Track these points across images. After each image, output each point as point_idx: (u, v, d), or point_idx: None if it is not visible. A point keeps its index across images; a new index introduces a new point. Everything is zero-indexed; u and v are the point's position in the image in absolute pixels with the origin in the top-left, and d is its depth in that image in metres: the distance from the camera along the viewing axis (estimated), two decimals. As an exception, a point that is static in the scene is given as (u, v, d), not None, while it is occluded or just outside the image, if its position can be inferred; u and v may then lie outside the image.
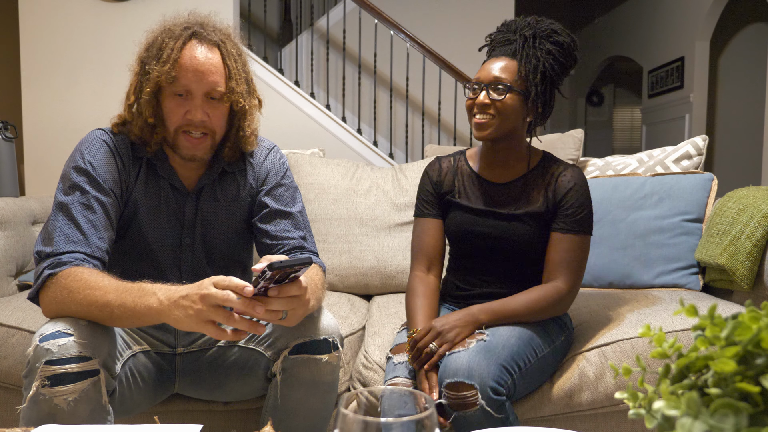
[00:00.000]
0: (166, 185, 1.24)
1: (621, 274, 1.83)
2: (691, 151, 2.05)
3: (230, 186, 1.29)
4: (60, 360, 0.97)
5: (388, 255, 2.01)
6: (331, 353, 1.14)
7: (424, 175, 1.47)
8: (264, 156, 1.34)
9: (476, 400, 1.10)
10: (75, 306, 1.02)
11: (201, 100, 1.16)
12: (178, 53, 1.15)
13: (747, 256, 1.59)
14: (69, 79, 3.20)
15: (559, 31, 1.33)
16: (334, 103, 4.77)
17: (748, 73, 6.01)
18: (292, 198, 1.32)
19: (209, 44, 1.18)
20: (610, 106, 8.68)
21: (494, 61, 1.33)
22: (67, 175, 1.16)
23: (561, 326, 1.36)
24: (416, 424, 0.45)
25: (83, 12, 3.16)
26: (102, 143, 1.20)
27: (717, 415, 0.39)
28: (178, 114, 1.17)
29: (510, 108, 1.30)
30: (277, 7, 6.01)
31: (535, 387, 1.33)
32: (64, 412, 0.97)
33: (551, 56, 1.31)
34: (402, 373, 1.25)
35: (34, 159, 3.26)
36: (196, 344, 1.25)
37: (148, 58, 1.18)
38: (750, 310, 0.43)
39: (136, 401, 1.18)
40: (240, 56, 1.23)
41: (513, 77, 1.30)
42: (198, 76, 1.15)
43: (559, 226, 1.32)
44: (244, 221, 1.31)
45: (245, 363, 1.21)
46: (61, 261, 1.06)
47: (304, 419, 1.16)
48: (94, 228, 1.12)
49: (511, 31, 1.37)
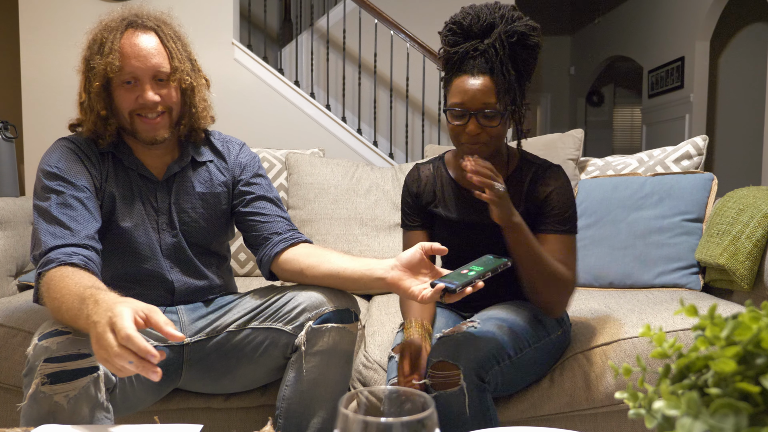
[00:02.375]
0: (135, 176, 1.28)
1: (621, 273, 1.83)
2: (691, 151, 2.05)
3: (203, 176, 1.34)
4: (59, 357, 0.98)
5: (388, 255, 2.01)
6: (353, 323, 1.19)
7: (404, 186, 1.44)
8: (237, 151, 1.39)
9: (458, 380, 1.11)
10: (55, 306, 1.03)
11: (149, 84, 1.21)
12: (119, 43, 1.20)
13: (747, 256, 1.59)
14: (69, 80, 3.20)
15: (527, 32, 1.23)
16: (334, 103, 4.77)
17: (748, 73, 6.01)
18: (271, 187, 1.39)
19: (146, 30, 1.24)
20: (610, 106, 8.68)
21: (473, 81, 1.22)
22: (40, 183, 1.20)
23: (557, 320, 1.35)
24: (417, 424, 0.45)
25: (83, 12, 3.16)
26: (63, 147, 1.24)
27: (717, 415, 0.39)
28: (130, 100, 1.22)
29: (503, 131, 1.27)
30: (277, 7, 6.01)
31: (530, 380, 1.32)
32: (64, 410, 0.98)
33: (524, 63, 1.25)
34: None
35: (34, 159, 3.26)
36: (203, 332, 1.26)
37: (91, 55, 1.23)
38: (750, 310, 0.43)
39: (139, 397, 1.19)
40: (179, 38, 1.28)
41: (496, 98, 1.22)
42: (141, 61, 1.20)
43: (546, 228, 1.30)
44: (220, 212, 1.35)
45: (260, 344, 1.22)
46: (49, 259, 1.09)
47: (324, 390, 1.18)
48: (77, 221, 1.15)
49: (473, 35, 1.25)
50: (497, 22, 1.23)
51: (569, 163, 2.17)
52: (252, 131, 3.57)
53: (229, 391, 1.34)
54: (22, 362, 1.41)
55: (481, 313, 1.30)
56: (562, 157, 2.16)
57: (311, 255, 1.24)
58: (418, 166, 1.44)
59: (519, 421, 1.34)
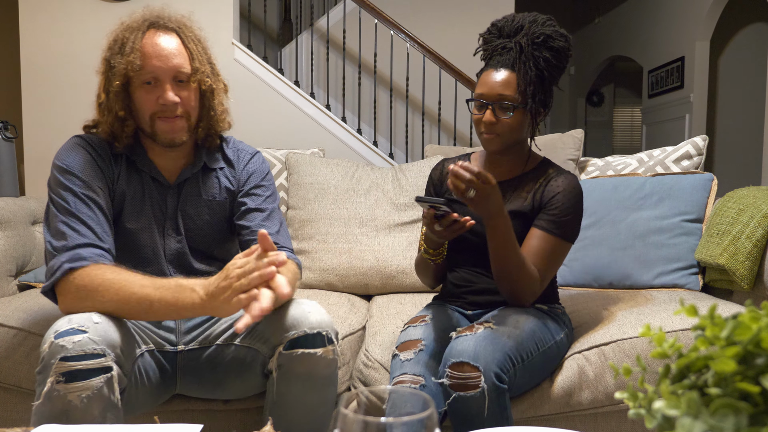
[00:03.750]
0: (147, 178, 1.28)
1: (621, 274, 1.83)
2: (691, 151, 2.05)
3: (212, 184, 1.34)
4: (75, 357, 0.99)
5: (388, 255, 2.01)
6: (326, 347, 1.14)
7: (429, 177, 1.52)
8: (247, 160, 1.39)
9: (479, 382, 1.11)
10: (104, 301, 1.06)
11: (170, 84, 1.21)
12: (140, 43, 1.20)
13: (747, 256, 1.59)
14: (69, 79, 3.20)
15: (553, 35, 1.32)
16: (334, 103, 4.77)
17: (748, 73, 6.01)
18: (269, 198, 1.37)
19: (168, 31, 1.24)
20: (610, 106, 8.68)
21: (495, 75, 1.32)
22: (56, 179, 1.19)
23: (560, 324, 1.36)
24: (417, 424, 0.45)
25: (83, 12, 3.16)
26: (77, 147, 1.23)
27: (717, 415, 0.39)
28: (151, 101, 1.21)
29: (517, 123, 1.32)
30: (277, 7, 6.01)
31: (534, 383, 1.33)
32: (77, 409, 0.98)
33: (548, 63, 1.31)
34: (410, 370, 1.25)
35: (34, 159, 3.26)
36: (195, 341, 1.26)
37: (112, 55, 1.23)
38: (750, 310, 0.43)
39: (141, 401, 1.19)
40: (199, 41, 1.28)
41: (515, 92, 1.30)
42: (162, 61, 1.20)
43: (538, 224, 1.32)
44: (224, 220, 1.36)
45: (243, 360, 1.22)
46: (81, 255, 1.10)
47: (303, 415, 1.16)
48: (98, 224, 1.16)
49: (504, 35, 1.35)
50: (527, 25, 1.33)
51: (569, 163, 2.17)
52: (252, 131, 3.57)
53: (224, 398, 1.34)
54: (22, 362, 1.41)
55: (490, 315, 1.30)
56: (562, 157, 2.16)
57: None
58: (444, 159, 1.52)
59: (519, 421, 1.34)
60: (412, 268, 1.98)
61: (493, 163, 1.43)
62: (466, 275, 1.42)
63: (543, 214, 1.33)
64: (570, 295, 1.76)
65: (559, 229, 1.31)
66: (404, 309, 1.74)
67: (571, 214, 1.32)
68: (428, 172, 2.15)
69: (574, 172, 2.15)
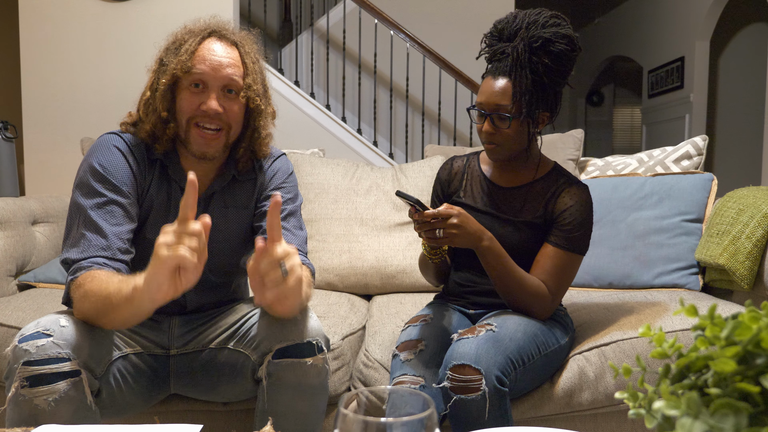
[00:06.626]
0: (176, 188, 1.24)
1: (621, 274, 1.83)
2: (691, 151, 2.05)
3: (240, 193, 1.29)
4: (38, 361, 0.98)
5: (388, 255, 2.01)
6: (316, 356, 1.13)
7: (437, 175, 1.50)
8: (269, 165, 1.34)
9: (480, 385, 1.11)
10: (88, 306, 1.04)
11: (217, 93, 1.17)
12: (197, 46, 1.17)
13: (747, 256, 1.59)
14: (69, 79, 3.20)
15: (553, 38, 1.25)
16: (334, 103, 4.77)
17: (748, 73, 6.01)
18: (289, 200, 1.32)
19: (228, 42, 1.21)
20: (610, 106, 8.68)
21: (493, 83, 1.29)
22: (84, 181, 1.16)
23: (564, 328, 1.36)
24: (417, 424, 0.45)
25: (83, 12, 3.16)
26: (114, 148, 1.19)
27: (717, 415, 0.39)
28: (193, 104, 1.17)
29: (515, 133, 1.29)
30: (277, 7, 6.01)
31: (535, 386, 1.33)
32: (45, 413, 0.97)
33: (547, 69, 1.26)
34: (409, 371, 1.25)
35: (34, 159, 3.26)
36: (189, 345, 1.24)
37: (166, 54, 1.20)
38: (750, 310, 0.43)
39: (128, 402, 1.17)
40: (258, 61, 1.25)
41: (511, 101, 1.27)
42: (215, 68, 1.16)
43: (552, 240, 1.31)
44: (249, 228, 1.32)
45: (235, 365, 1.20)
46: (81, 266, 1.08)
47: (293, 423, 1.15)
48: (115, 231, 1.13)
49: (504, 38, 1.30)
50: (524, 28, 1.27)
51: (569, 163, 2.17)
52: (252, 131, 3.57)
53: (219, 400, 1.32)
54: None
55: (492, 317, 1.30)
56: (562, 157, 2.16)
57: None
58: (453, 157, 1.50)
59: (519, 421, 1.34)
60: (412, 268, 1.98)
61: (501, 169, 1.41)
62: (471, 275, 1.42)
63: (555, 230, 1.31)
64: (570, 295, 1.76)
65: (571, 244, 1.30)
66: (404, 309, 1.74)
67: (583, 228, 1.31)
68: (428, 172, 2.15)
69: (574, 172, 2.15)
